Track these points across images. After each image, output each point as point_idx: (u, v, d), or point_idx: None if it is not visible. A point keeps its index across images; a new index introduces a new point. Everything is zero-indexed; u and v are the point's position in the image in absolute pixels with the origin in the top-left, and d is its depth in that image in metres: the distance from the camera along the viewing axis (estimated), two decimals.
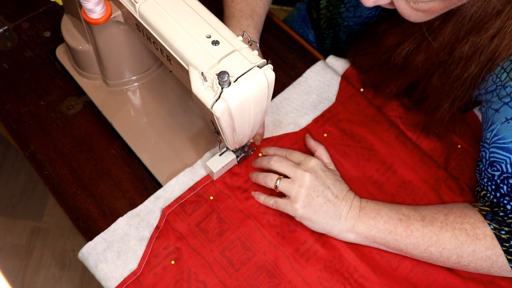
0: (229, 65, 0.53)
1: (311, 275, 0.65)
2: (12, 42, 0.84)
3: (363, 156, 0.75)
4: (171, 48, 0.56)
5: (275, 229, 0.68)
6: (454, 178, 0.74)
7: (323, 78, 0.81)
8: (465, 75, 0.63)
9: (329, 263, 0.66)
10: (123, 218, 0.67)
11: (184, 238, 0.66)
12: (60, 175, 0.72)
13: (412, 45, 0.67)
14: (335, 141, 0.76)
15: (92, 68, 0.78)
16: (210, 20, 0.56)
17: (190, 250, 0.65)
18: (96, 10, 0.61)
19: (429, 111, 0.71)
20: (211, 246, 0.66)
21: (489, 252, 0.62)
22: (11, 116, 0.77)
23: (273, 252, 0.66)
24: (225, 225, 0.67)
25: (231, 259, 0.65)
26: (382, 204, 0.67)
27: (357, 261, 0.66)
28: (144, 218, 0.68)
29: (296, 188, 0.64)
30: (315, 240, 0.67)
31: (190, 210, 0.68)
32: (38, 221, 1.49)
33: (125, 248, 0.65)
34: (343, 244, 0.67)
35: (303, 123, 0.77)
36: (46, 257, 1.44)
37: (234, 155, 0.70)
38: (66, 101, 0.79)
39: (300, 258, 0.66)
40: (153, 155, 0.74)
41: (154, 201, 0.69)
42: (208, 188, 0.70)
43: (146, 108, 0.79)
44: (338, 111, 0.78)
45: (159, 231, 0.66)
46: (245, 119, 0.57)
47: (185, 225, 0.67)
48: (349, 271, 0.66)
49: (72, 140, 0.75)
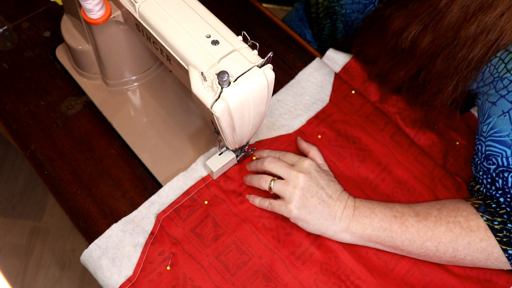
0: (229, 64, 0.53)
1: (307, 278, 0.65)
2: (12, 42, 0.84)
3: (358, 157, 0.74)
4: (171, 48, 0.56)
5: (271, 233, 0.67)
6: (451, 175, 0.74)
7: (316, 80, 0.81)
8: (471, 56, 0.62)
9: (326, 265, 0.66)
10: (117, 224, 0.67)
11: (179, 244, 0.66)
12: (60, 175, 0.72)
13: (419, 27, 0.66)
14: (330, 142, 0.75)
15: (92, 68, 0.78)
16: (210, 20, 0.56)
17: (186, 256, 0.65)
18: (96, 10, 0.61)
19: (430, 97, 0.70)
20: (206, 251, 0.66)
21: (484, 243, 0.62)
22: (11, 116, 0.77)
23: (269, 255, 0.66)
24: (220, 229, 0.67)
25: (226, 263, 0.65)
26: (376, 202, 0.66)
27: (353, 262, 0.66)
28: (138, 224, 0.67)
29: (290, 189, 0.64)
30: (311, 243, 0.67)
31: (185, 215, 0.68)
32: (38, 221, 1.49)
33: (120, 254, 0.65)
34: (339, 246, 0.67)
35: (296, 124, 0.77)
36: (46, 257, 1.44)
37: (233, 154, 0.70)
38: (66, 101, 0.79)
39: (296, 261, 0.66)
40: (153, 155, 0.74)
41: (148, 206, 0.68)
42: (202, 193, 0.69)
43: (146, 108, 0.79)
44: (332, 112, 0.78)
45: (154, 237, 0.66)
46: (244, 119, 0.57)
47: (180, 230, 0.66)
48: (346, 273, 0.65)
49: (72, 140, 0.75)
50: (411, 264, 0.67)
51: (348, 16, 0.87)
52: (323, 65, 0.82)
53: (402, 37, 0.68)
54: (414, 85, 0.74)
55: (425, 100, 0.72)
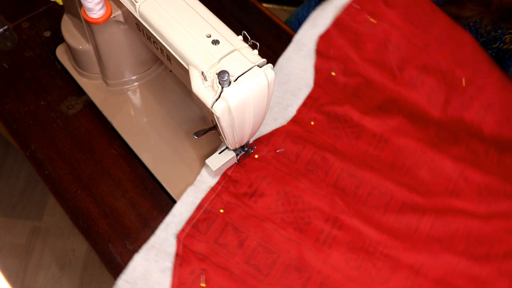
0: (229, 64, 0.53)
1: (337, 260, 0.65)
2: (12, 42, 0.84)
3: (353, 135, 0.75)
4: (171, 48, 0.56)
5: (291, 226, 0.67)
6: (447, 127, 0.76)
7: (296, 63, 0.81)
8: None
9: (351, 243, 0.66)
10: (139, 254, 0.63)
11: (207, 258, 0.64)
12: (60, 175, 0.72)
13: None
14: (323, 126, 0.76)
15: (92, 68, 0.78)
16: (210, 19, 0.56)
17: (216, 268, 0.64)
18: (97, 10, 0.61)
19: None
20: (235, 258, 0.64)
21: None
22: (11, 116, 0.77)
23: (295, 248, 0.66)
24: (243, 234, 0.66)
25: (258, 266, 0.64)
26: None
27: (376, 234, 0.66)
28: (160, 249, 0.64)
29: None
30: (331, 226, 0.67)
31: (204, 228, 0.66)
32: (38, 221, 1.49)
33: (150, 284, 0.62)
34: (359, 222, 0.67)
35: (288, 115, 0.77)
36: (46, 257, 1.44)
37: (233, 153, 0.69)
38: (66, 101, 0.79)
39: (322, 247, 0.66)
40: (153, 154, 0.74)
41: (165, 229, 0.66)
42: (215, 202, 0.68)
43: (146, 108, 0.79)
44: (318, 96, 0.79)
45: (179, 258, 0.64)
46: (245, 118, 0.57)
47: (203, 244, 0.65)
48: (373, 246, 0.66)
49: (72, 140, 0.75)
50: (432, 220, 0.67)
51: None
52: (300, 46, 0.82)
53: None
54: None
55: None
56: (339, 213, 0.68)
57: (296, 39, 0.83)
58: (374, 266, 0.64)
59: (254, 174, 0.71)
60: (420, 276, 0.64)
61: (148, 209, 0.70)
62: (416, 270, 0.64)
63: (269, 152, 0.73)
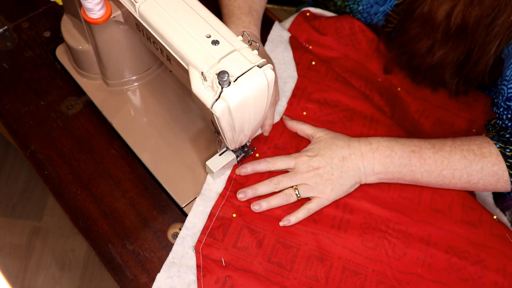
0: (229, 64, 0.53)
1: (355, 243, 0.67)
2: (12, 42, 0.84)
3: (346, 118, 0.77)
4: (171, 48, 0.56)
5: (304, 218, 0.68)
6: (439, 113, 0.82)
7: (276, 59, 0.82)
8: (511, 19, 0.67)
9: (364, 225, 0.68)
10: (161, 273, 0.63)
11: (229, 264, 0.64)
12: (60, 175, 0.72)
13: (467, 3, 0.68)
14: (316, 114, 0.77)
15: (92, 68, 0.78)
16: (210, 19, 0.56)
17: (240, 272, 0.64)
18: (96, 10, 0.61)
19: (474, 66, 0.75)
20: (257, 259, 0.65)
21: (496, 167, 0.67)
22: (11, 116, 0.77)
23: (313, 238, 0.67)
24: (260, 234, 0.67)
25: (280, 262, 0.65)
26: (394, 140, 0.70)
27: (386, 212, 0.69)
28: (181, 264, 0.64)
29: (310, 177, 0.67)
30: (343, 211, 0.69)
31: (221, 235, 0.66)
32: (38, 221, 1.49)
33: None
34: (367, 204, 0.70)
35: (281, 110, 0.78)
36: (46, 257, 1.44)
37: (234, 155, 0.70)
38: (66, 101, 0.79)
39: (338, 232, 0.68)
40: (153, 155, 0.74)
41: (181, 243, 0.66)
42: (226, 208, 0.68)
43: (146, 108, 0.79)
44: (305, 85, 0.80)
45: (202, 269, 0.64)
46: (245, 118, 0.57)
47: (223, 251, 0.65)
48: (385, 224, 0.69)
49: (72, 140, 0.75)
50: (430, 193, 0.71)
51: (366, 12, 0.87)
52: (277, 43, 0.84)
53: (451, 20, 0.70)
54: (462, 63, 0.76)
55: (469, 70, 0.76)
56: (347, 198, 0.70)
57: (270, 38, 0.86)
58: (390, 243, 0.67)
59: (259, 173, 0.71)
60: (431, 246, 0.67)
61: (148, 209, 0.70)
62: (426, 241, 0.68)
63: (269, 149, 0.74)
